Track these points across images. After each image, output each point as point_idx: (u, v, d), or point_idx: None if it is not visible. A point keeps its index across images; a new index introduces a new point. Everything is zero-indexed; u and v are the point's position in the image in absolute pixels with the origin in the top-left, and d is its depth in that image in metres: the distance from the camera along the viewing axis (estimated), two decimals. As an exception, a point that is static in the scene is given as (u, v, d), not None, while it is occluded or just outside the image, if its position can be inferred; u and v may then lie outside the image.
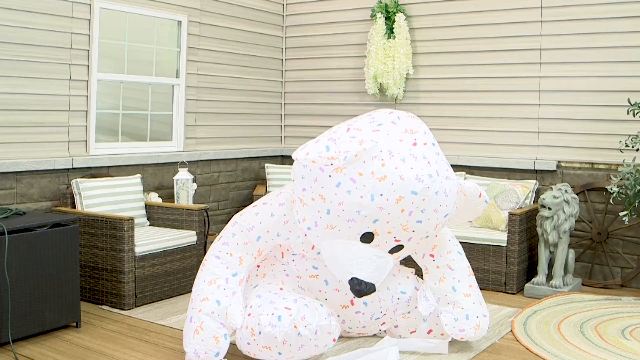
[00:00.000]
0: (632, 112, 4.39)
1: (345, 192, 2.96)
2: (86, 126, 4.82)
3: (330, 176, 2.98)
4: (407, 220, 3.02)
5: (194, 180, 5.38)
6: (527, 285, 4.63)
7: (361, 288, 3.06)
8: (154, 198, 5.07)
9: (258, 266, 3.59)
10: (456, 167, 5.49)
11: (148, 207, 4.87)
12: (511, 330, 3.81)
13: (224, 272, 3.26)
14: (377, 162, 2.95)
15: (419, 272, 3.89)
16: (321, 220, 3.08)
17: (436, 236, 3.57)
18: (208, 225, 4.78)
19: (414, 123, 3.14)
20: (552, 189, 4.63)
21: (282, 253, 3.55)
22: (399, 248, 3.17)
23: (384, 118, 3.14)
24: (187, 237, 4.58)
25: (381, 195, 2.94)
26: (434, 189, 3.00)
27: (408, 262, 4.45)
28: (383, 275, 3.15)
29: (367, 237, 3.07)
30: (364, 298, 3.50)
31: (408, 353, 3.45)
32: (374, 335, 3.70)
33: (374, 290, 3.11)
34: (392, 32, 5.70)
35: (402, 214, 2.99)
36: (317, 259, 3.46)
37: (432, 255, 3.55)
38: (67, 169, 4.67)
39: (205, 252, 4.61)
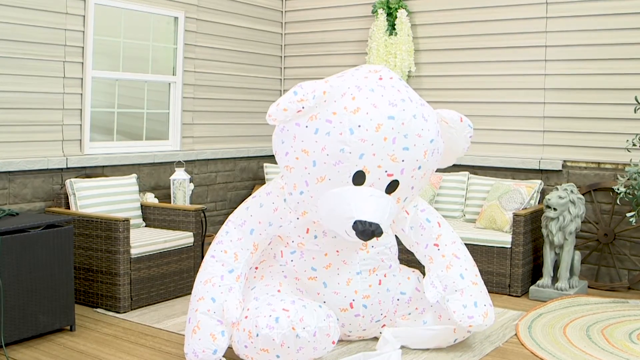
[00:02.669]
0: (639, 110, 4.34)
1: (324, 136, 3.04)
2: (80, 125, 4.77)
3: (307, 127, 3.08)
4: (393, 149, 3.06)
5: (191, 180, 5.34)
6: (532, 287, 4.59)
7: (366, 228, 3.02)
8: (150, 198, 5.03)
9: (256, 268, 3.59)
10: (459, 167, 5.44)
11: (144, 207, 4.83)
12: (516, 334, 3.78)
13: (219, 270, 3.27)
14: (348, 97, 3.06)
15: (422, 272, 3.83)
16: (310, 176, 3.12)
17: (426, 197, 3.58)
18: (205, 226, 4.75)
19: (377, 66, 3.27)
20: (557, 189, 4.60)
21: (282, 252, 3.56)
22: (395, 185, 3.16)
23: (347, 70, 3.30)
24: (184, 238, 4.54)
25: (359, 126, 3.01)
26: (410, 112, 3.08)
27: (410, 262, 4.39)
28: (385, 215, 3.12)
29: (359, 177, 3.09)
30: (364, 300, 3.48)
31: (412, 354, 3.40)
32: (374, 338, 3.66)
33: (381, 232, 3.07)
34: (394, 29, 5.64)
35: (385, 142, 3.03)
36: (316, 257, 3.47)
37: (436, 245, 3.57)
38: (61, 169, 4.62)
39: (202, 254, 4.59)
